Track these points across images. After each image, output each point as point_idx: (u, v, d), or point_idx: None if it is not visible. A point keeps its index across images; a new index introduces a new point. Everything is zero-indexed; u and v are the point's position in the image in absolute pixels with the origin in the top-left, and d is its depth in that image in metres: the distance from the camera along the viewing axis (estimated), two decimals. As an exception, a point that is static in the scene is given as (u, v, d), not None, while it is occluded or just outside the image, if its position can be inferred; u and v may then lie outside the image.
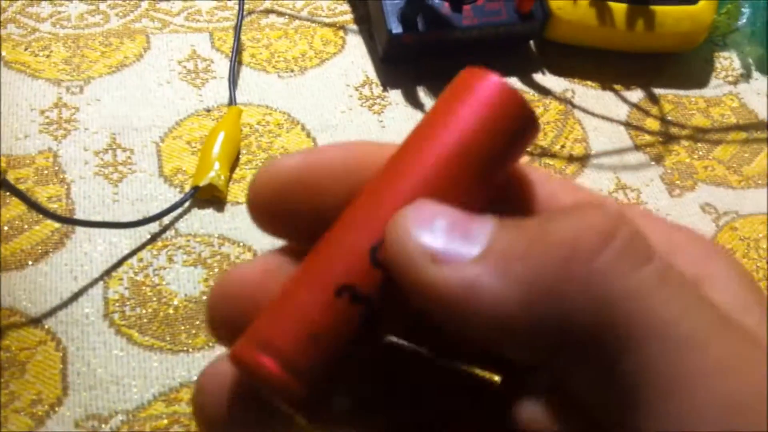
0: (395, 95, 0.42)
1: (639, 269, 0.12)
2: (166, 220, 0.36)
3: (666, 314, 0.12)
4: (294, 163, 0.15)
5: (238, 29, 0.43)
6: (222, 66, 0.42)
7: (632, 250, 0.12)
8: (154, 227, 0.35)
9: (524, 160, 0.16)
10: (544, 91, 0.43)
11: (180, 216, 0.36)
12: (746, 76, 0.45)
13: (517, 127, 0.14)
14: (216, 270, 0.34)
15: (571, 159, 0.40)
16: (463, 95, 0.14)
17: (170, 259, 0.34)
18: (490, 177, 0.14)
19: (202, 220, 0.36)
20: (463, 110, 0.14)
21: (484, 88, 0.14)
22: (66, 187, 0.36)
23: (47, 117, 0.39)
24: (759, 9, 0.44)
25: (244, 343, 0.14)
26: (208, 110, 0.40)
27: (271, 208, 0.15)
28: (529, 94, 0.43)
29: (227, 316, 0.15)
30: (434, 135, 0.14)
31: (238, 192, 0.37)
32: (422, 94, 0.42)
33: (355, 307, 0.13)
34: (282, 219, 0.15)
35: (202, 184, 0.36)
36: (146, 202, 0.36)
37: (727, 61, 0.46)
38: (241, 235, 0.36)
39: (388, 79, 0.43)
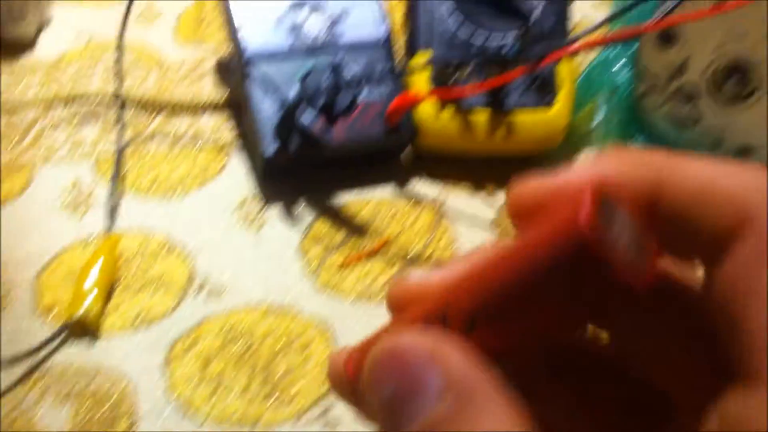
0: (273, 212, 0.44)
1: None
2: (40, 354, 0.37)
3: None
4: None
5: (119, 156, 0.45)
6: (103, 194, 0.44)
7: None
8: (28, 362, 0.36)
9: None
10: (415, 199, 0.45)
11: (55, 349, 0.37)
12: (608, 171, 0.47)
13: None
14: (88, 403, 0.35)
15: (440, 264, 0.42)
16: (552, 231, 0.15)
17: (42, 395, 0.35)
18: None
19: (75, 352, 0.37)
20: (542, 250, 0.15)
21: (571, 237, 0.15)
22: (-54, 326, 0.37)
23: (-71, 257, 0.40)
24: (611, 109, 0.47)
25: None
26: (88, 240, 0.42)
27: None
28: (402, 202, 0.45)
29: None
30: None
31: (115, 320, 0.39)
32: (299, 209, 0.44)
33: None
34: None
35: (75, 316, 0.37)
36: (22, 336, 0.37)
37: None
38: (115, 367, 0.37)
39: (265, 197, 0.45)
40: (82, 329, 0.38)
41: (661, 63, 0.45)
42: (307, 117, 0.44)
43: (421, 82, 0.45)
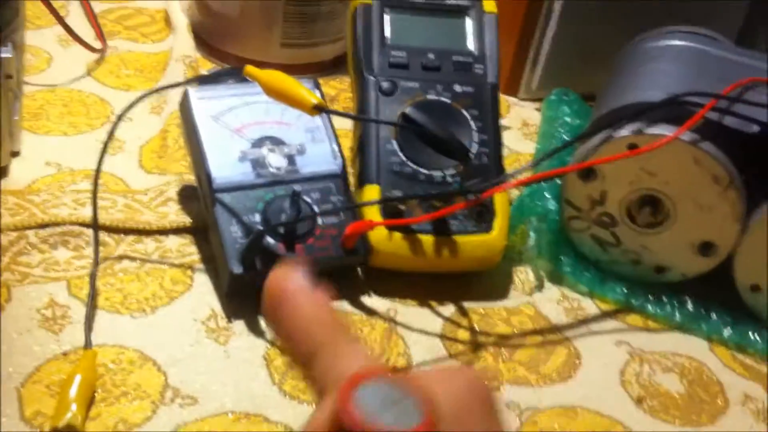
0: (239, 326, 0.47)
1: None
2: (24, 463, 0.38)
3: None
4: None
5: (93, 276, 0.48)
6: (78, 311, 0.46)
7: None
8: (12, 471, 0.38)
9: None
10: (370, 312, 0.50)
11: (38, 458, 0.39)
12: (539, 287, 0.53)
13: None
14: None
15: (394, 371, 0.46)
16: None
17: (27, 502, 0.37)
18: None
19: (58, 460, 0.39)
20: None
21: None
22: (-73, 438, 0.39)
23: None
24: (542, 232, 0.53)
25: None
26: (66, 354, 0.44)
27: None
28: (357, 315, 0.49)
29: None
30: None
31: (94, 429, 0.41)
32: (263, 323, 0.48)
33: None
34: None
35: (60, 425, 0.39)
36: (5, 446, 0.39)
37: (524, 275, 0.54)
38: (96, 472, 0.39)
39: (232, 312, 0.48)
40: (67, 437, 0.40)
41: (582, 195, 0.52)
42: (271, 240, 0.48)
43: (372, 211, 0.50)
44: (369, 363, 0.23)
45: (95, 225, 0.50)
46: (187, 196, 0.55)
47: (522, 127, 0.68)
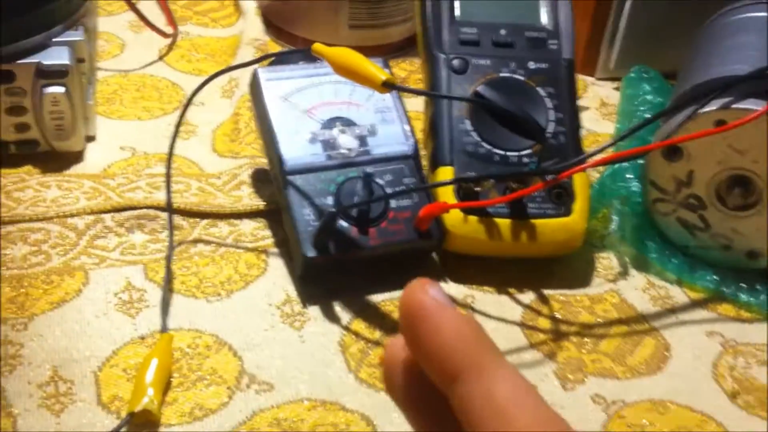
0: (314, 311, 0.47)
1: None
2: (103, 447, 0.39)
3: None
4: None
5: (168, 260, 0.48)
6: (154, 295, 0.46)
7: None
8: (92, 455, 0.38)
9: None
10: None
11: (117, 441, 0.39)
12: (624, 274, 0.51)
13: None
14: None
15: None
16: None
17: (107, 485, 0.37)
18: None
19: (137, 444, 0.39)
20: None
21: None
22: (12, 420, 0.39)
23: (-8, 355, 0.42)
24: (625, 215, 0.51)
25: None
26: (143, 338, 0.44)
27: None
28: (434, 301, 0.48)
29: None
30: None
31: (171, 414, 0.41)
32: (338, 308, 0.47)
33: None
34: None
35: (137, 410, 0.39)
36: (85, 429, 0.39)
37: (606, 261, 0.52)
38: (173, 456, 0.39)
39: (306, 296, 0.48)
40: (145, 421, 0.40)
41: (667, 176, 0.50)
42: (343, 223, 0.47)
43: (446, 193, 0.49)
44: (518, 388, 0.21)
45: (170, 208, 0.50)
46: (259, 179, 0.54)
47: (600, 107, 0.66)
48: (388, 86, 0.45)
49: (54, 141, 0.54)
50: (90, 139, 0.57)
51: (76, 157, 0.55)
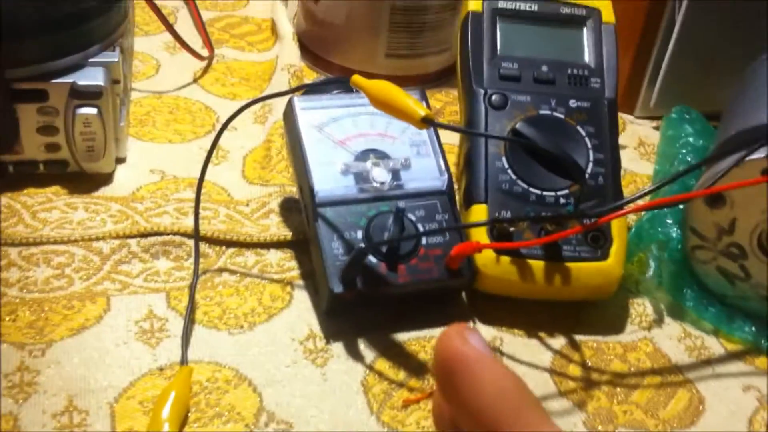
0: (337, 348, 0.46)
1: None
2: (116, 482, 0.37)
3: None
4: None
5: (192, 289, 0.47)
6: (176, 325, 0.45)
7: None
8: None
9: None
10: (475, 340, 0.47)
11: (130, 477, 0.38)
12: (659, 321, 0.49)
13: None
14: None
15: None
16: None
17: None
18: None
19: (150, 481, 0.38)
20: None
21: None
22: (23, 449, 0.38)
23: (10, 381, 0.41)
24: (663, 261, 0.49)
25: None
26: (161, 369, 0.43)
27: None
28: (461, 343, 0.47)
29: None
30: None
31: (186, 450, 0.39)
32: (362, 346, 0.46)
33: None
34: None
35: (152, 444, 0.38)
36: (98, 463, 0.38)
37: (641, 307, 0.50)
38: (187, 496, 0.37)
39: (330, 332, 0.46)
40: (159, 458, 0.39)
41: (709, 223, 0.48)
42: (372, 258, 0.46)
43: (479, 232, 0.48)
44: None
45: (196, 236, 0.49)
46: (288, 209, 0.54)
47: (638, 147, 0.64)
48: (427, 122, 0.44)
49: (84, 162, 0.53)
50: (120, 161, 0.56)
51: (105, 179, 0.54)
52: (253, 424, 0.41)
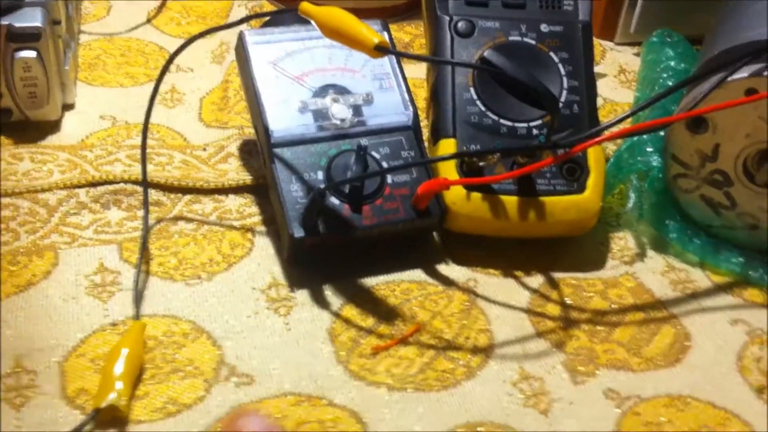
0: (301, 295, 0.43)
1: None
2: (65, 446, 0.35)
3: None
4: None
5: (144, 239, 0.44)
6: (129, 278, 0.43)
7: None
8: (52, 455, 0.35)
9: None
10: (447, 282, 0.45)
11: (81, 440, 0.36)
12: (641, 255, 0.47)
13: None
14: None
15: (475, 350, 0.41)
16: None
17: (67, 490, 0.34)
18: None
19: (102, 443, 0.36)
20: None
21: None
22: (-33, 414, 0.36)
23: (-50, 343, 0.39)
24: (644, 192, 0.47)
25: None
26: (114, 324, 0.41)
27: None
28: (433, 285, 0.44)
29: None
30: None
31: (141, 410, 0.37)
32: (329, 293, 0.43)
33: None
34: None
35: (103, 405, 0.36)
36: (47, 426, 0.36)
37: (622, 241, 0.48)
38: (141, 457, 0.35)
39: (294, 280, 0.44)
40: (112, 418, 0.36)
41: (691, 149, 0.46)
42: (335, 200, 0.43)
43: (448, 168, 0.45)
44: None
45: (145, 182, 0.46)
46: (248, 152, 0.51)
47: (618, 75, 0.61)
48: (380, 50, 0.41)
49: (27, 110, 0.50)
50: (68, 107, 0.53)
51: (52, 126, 0.51)
52: (212, 378, 0.39)
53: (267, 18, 0.52)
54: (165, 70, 0.46)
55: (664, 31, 0.58)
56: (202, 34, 0.47)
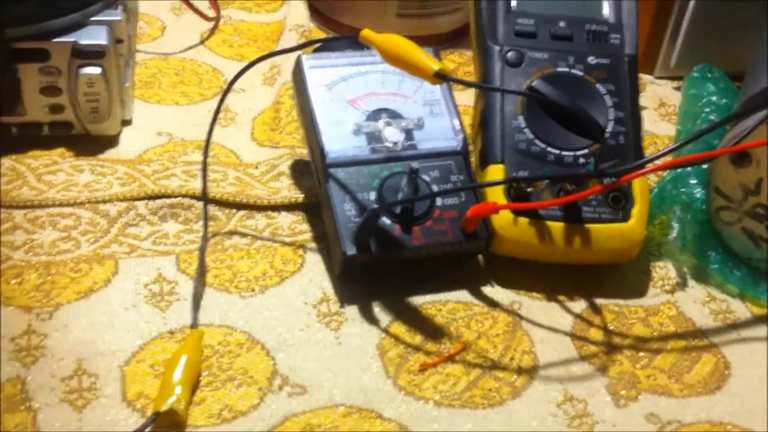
0: (351, 311, 0.44)
1: None
2: (126, 447, 0.37)
3: None
4: None
5: (202, 251, 0.46)
6: (186, 288, 0.44)
7: None
8: (114, 455, 0.36)
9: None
10: (492, 304, 0.46)
11: (141, 442, 0.37)
12: (682, 285, 0.48)
13: None
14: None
15: (520, 371, 0.42)
16: None
17: (128, 489, 0.35)
18: None
19: (161, 446, 0.37)
20: None
21: None
22: (32, 414, 0.37)
23: (17, 344, 0.40)
24: (686, 223, 0.48)
25: None
26: (172, 333, 0.42)
27: None
28: (478, 306, 0.45)
29: None
30: None
31: (198, 415, 0.38)
32: (377, 309, 0.45)
33: None
34: None
35: (162, 409, 0.37)
36: (107, 428, 0.37)
37: (663, 270, 0.49)
38: (199, 461, 0.36)
39: (344, 296, 0.45)
40: (170, 422, 0.37)
41: (734, 183, 0.47)
42: (386, 220, 0.45)
43: (496, 193, 0.46)
44: None
45: (205, 198, 0.48)
46: (299, 171, 0.52)
47: (658, 108, 0.62)
48: (440, 77, 0.42)
49: (89, 124, 0.52)
50: (126, 123, 0.55)
51: (111, 141, 0.53)
52: (266, 387, 0.40)
53: (319, 43, 0.54)
54: (227, 91, 0.48)
55: (705, 66, 0.59)
56: (262, 58, 0.49)
